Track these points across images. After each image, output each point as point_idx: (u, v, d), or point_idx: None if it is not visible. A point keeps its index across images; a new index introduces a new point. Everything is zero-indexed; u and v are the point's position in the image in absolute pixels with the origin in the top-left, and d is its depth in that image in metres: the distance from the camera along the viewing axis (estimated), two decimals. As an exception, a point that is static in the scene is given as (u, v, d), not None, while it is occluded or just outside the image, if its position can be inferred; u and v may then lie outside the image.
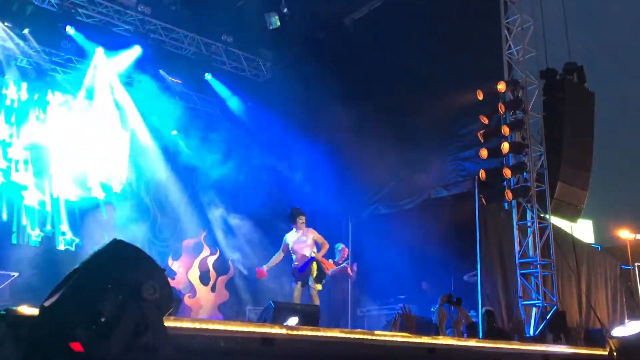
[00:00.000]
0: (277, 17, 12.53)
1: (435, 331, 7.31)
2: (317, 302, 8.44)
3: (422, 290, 10.87)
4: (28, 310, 2.18)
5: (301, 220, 8.81)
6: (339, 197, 11.37)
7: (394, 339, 4.11)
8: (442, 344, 4.45)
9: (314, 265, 8.59)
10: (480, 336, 7.95)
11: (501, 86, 10.07)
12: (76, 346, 1.98)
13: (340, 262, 10.10)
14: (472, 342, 5.31)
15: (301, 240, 8.80)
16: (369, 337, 4.07)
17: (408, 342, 4.16)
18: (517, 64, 10.48)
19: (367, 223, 11.72)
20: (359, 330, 5.00)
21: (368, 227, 11.54)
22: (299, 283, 8.70)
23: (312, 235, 8.86)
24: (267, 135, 12.81)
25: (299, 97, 12.19)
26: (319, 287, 8.61)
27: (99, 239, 12.14)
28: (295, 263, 8.83)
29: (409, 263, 10.46)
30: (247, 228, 13.31)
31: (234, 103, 13.96)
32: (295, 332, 3.40)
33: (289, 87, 12.56)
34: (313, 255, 8.67)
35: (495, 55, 10.44)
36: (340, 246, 10.32)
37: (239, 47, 13.64)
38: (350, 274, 10.18)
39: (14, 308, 2.18)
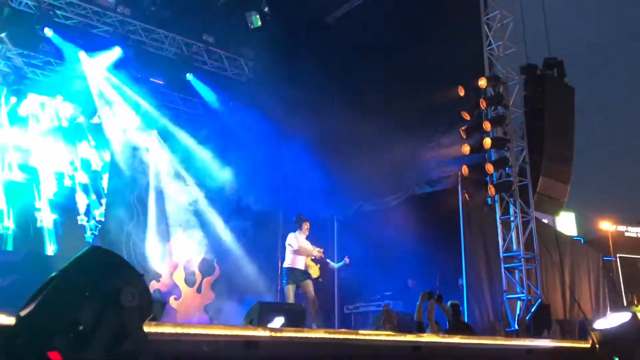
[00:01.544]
0: (258, 16, 12.47)
1: (417, 328, 7.35)
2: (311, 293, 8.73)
3: (407, 287, 10.91)
4: (4, 319, 2.14)
5: (306, 225, 9.14)
6: (324, 195, 11.36)
7: (379, 338, 4.11)
8: (426, 342, 4.47)
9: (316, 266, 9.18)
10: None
11: (482, 82, 10.13)
12: (54, 355, 1.96)
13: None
14: (456, 339, 5.34)
15: (308, 245, 9.06)
16: (354, 336, 4.07)
17: (393, 340, 4.17)
18: (497, 59, 10.55)
19: (352, 221, 11.74)
20: (344, 330, 5.01)
21: (353, 225, 11.56)
22: (293, 284, 8.76)
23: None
24: (250, 135, 12.75)
25: (281, 96, 12.15)
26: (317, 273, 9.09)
27: (79, 245, 12.08)
28: (289, 264, 8.89)
29: (394, 260, 10.50)
30: (230, 227, 13.28)
31: (216, 103, 13.88)
32: (279, 334, 3.39)
33: (272, 86, 12.51)
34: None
35: (475, 51, 10.50)
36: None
37: (220, 47, 13.57)
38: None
39: (-10, 318, 2.15)
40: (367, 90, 11.46)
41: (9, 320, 2.12)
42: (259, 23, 12.54)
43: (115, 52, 12.27)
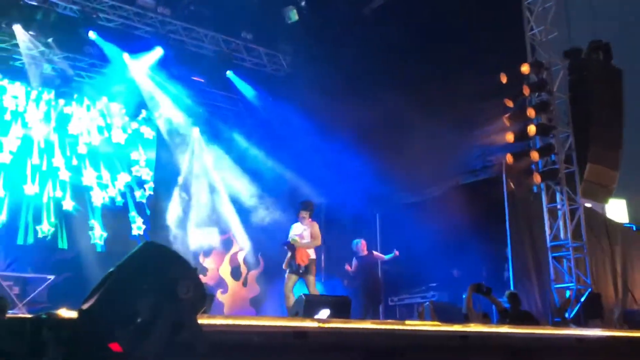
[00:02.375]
0: (294, 10, 12.53)
1: (465, 320, 7.29)
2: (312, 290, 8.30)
3: (453, 278, 10.83)
4: (67, 313, 2.25)
5: (302, 214, 8.62)
6: (365, 188, 11.35)
7: (426, 328, 4.12)
8: (473, 332, 4.44)
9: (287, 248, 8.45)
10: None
11: (525, 68, 9.93)
12: (115, 347, 2.05)
13: (365, 254, 10.14)
14: (504, 329, 5.29)
15: (299, 232, 8.59)
16: (400, 327, 4.09)
17: (440, 331, 4.17)
18: (540, 45, 10.32)
19: (394, 213, 11.69)
20: (390, 320, 5.03)
21: (396, 217, 11.51)
22: (293, 274, 8.41)
23: (310, 229, 8.61)
24: (290, 129, 12.83)
25: (320, 91, 12.17)
26: (291, 276, 8.38)
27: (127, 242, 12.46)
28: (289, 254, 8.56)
29: (438, 251, 10.42)
30: (272, 223, 13.41)
31: (256, 99, 14.03)
32: (327, 325, 3.44)
33: (310, 80, 12.55)
34: (292, 241, 8.46)
35: (517, 37, 10.30)
36: (355, 242, 10.30)
37: (258, 43, 13.68)
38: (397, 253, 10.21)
39: (54, 312, 2.26)
40: (407, 81, 11.36)
41: (71, 313, 2.23)
42: (296, 18, 12.60)
43: (157, 53, 12.52)
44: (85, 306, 2.14)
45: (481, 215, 10.04)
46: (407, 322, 4.00)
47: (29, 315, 2.37)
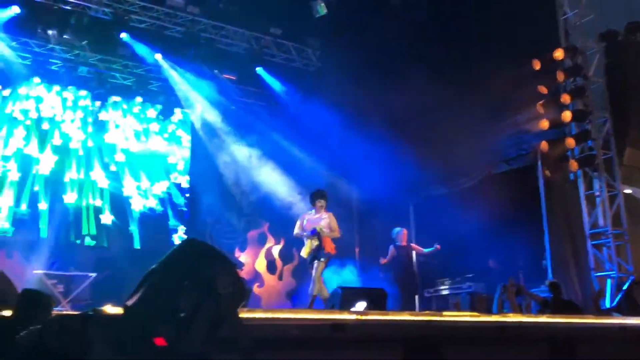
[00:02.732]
0: (323, 4, 12.51)
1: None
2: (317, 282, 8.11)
3: (489, 268, 10.73)
4: (112, 309, 2.33)
5: (320, 203, 8.49)
6: (398, 181, 11.30)
7: (463, 319, 4.11)
8: (512, 322, 4.42)
9: (315, 237, 8.29)
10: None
11: (558, 53, 9.74)
12: (160, 342, 2.11)
13: (403, 244, 10.09)
14: (543, 319, 5.23)
15: (314, 221, 8.46)
16: (438, 318, 4.09)
17: (477, 321, 4.15)
18: (573, 29, 10.10)
19: (428, 204, 11.63)
20: (427, 312, 5.03)
21: (429, 208, 11.45)
22: (322, 261, 8.29)
23: (328, 219, 8.50)
24: (321, 123, 12.85)
25: (350, 83, 12.16)
26: (322, 264, 8.25)
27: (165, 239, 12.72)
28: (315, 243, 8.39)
29: (474, 241, 10.33)
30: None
31: (286, 94, 14.09)
32: (364, 317, 3.47)
33: (340, 73, 12.54)
34: (318, 229, 8.32)
35: (550, 22, 10.09)
36: (396, 231, 10.26)
37: (288, 39, 13.72)
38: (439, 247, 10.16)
39: (100, 308, 2.33)
40: (438, 70, 11.23)
41: (117, 310, 2.30)
42: (325, 11, 12.58)
43: (188, 52, 12.66)
44: (129, 302, 2.20)
45: (516, 204, 9.91)
46: (444, 313, 4.00)
47: (75, 312, 2.46)
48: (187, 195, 13.68)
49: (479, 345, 3.95)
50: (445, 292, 11.12)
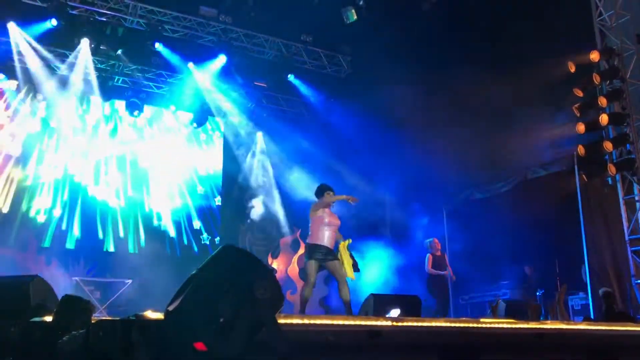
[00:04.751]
0: (353, 10, 12.53)
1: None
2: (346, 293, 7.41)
3: (525, 275, 10.56)
4: (153, 314, 2.37)
5: (330, 194, 7.61)
6: (431, 186, 11.22)
7: (501, 325, 4.05)
8: (550, 329, 4.33)
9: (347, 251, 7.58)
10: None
11: (594, 55, 9.57)
12: (200, 346, 2.14)
13: (438, 254, 9.94)
14: (582, 326, 5.12)
15: (332, 215, 7.55)
16: (475, 325, 4.04)
17: (515, 328, 4.09)
18: (609, 30, 9.91)
19: (462, 210, 11.51)
20: (464, 318, 4.96)
21: (464, 214, 11.33)
22: (315, 261, 7.39)
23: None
24: (352, 128, 12.85)
25: (381, 88, 12.13)
26: (352, 276, 7.53)
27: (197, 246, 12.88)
28: (309, 240, 7.55)
29: (509, 248, 10.18)
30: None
31: (317, 101, 14.14)
32: (400, 324, 3.45)
33: (371, 79, 12.54)
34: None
35: (585, 23, 9.92)
36: (429, 240, 10.12)
37: (318, 45, 13.78)
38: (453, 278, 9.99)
39: (142, 313, 2.38)
40: (471, 74, 11.11)
41: (158, 315, 2.34)
42: (355, 17, 12.59)
43: (221, 60, 12.84)
44: (171, 307, 2.24)
45: (553, 209, 9.73)
46: (481, 319, 3.95)
47: (117, 317, 2.51)
48: (220, 202, 13.81)
49: (517, 352, 3.89)
50: (480, 299, 10.97)
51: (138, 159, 13.16)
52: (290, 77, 13.79)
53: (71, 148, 12.47)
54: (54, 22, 11.22)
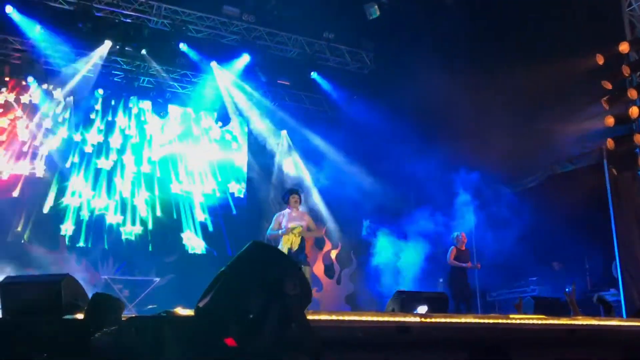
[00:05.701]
0: (376, 6, 12.47)
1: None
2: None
3: (553, 271, 10.41)
4: (184, 311, 2.39)
5: (294, 199, 7.90)
6: (458, 181, 11.12)
7: (531, 321, 4.00)
8: (582, 325, 4.27)
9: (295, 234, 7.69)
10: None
11: (624, 47, 9.36)
12: (230, 341, 2.15)
13: (462, 248, 9.86)
14: (614, 322, 5.03)
15: (297, 220, 7.80)
16: (504, 320, 4.00)
17: (546, 324, 4.03)
18: (639, 20, 9.70)
19: (489, 205, 11.36)
20: (493, 314, 4.91)
21: (491, 209, 11.19)
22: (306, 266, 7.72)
23: (306, 219, 8.00)
24: (377, 125, 12.79)
25: (405, 84, 12.05)
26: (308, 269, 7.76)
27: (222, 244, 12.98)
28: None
29: (537, 244, 10.05)
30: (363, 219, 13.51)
31: (340, 98, 14.12)
32: (429, 320, 3.43)
33: (395, 75, 12.47)
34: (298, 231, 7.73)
35: (614, 14, 9.73)
36: (456, 234, 10.04)
37: (341, 42, 13.75)
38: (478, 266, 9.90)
39: (172, 310, 2.40)
40: (495, 68, 10.98)
41: (188, 311, 2.36)
42: (378, 13, 12.54)
43: (244, 59, 12.90)
44: (201, 304, 2.26)
45: (581, 204, 9.58)
46: (511, 315, 3.91)
47: (149, 314, 2.54)
48: (245, 200, 13.88)
49: (548, 348, 3.84)
50: (508, 296, 10.86)
51: (164, 158, 13.29)
52: (314, 75, 13.79)
53: (99, 146, 12.69)
54: (80, 24, 11.37)
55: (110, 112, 13.02)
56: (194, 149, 13.65)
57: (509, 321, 3.85)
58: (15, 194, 11.60)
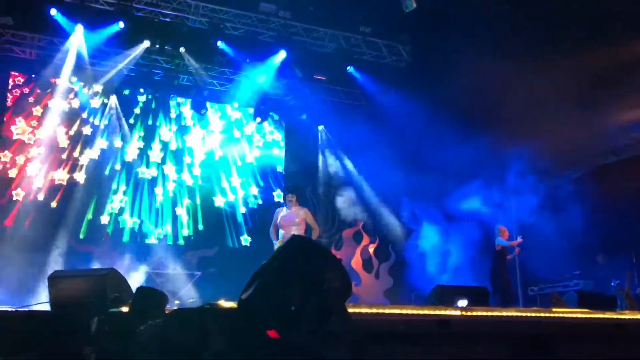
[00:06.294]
0: (412, -1, 12.34)
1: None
2: None
3: (597, 264, 10.18)
4: (226, 303, 2.44)
5: (290, 197, 8.26)
6: (498, 174, 10.94)
7: (575, 315, 3.92)
8: (630, 319, 4.17)
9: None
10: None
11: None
12: (272, 333, 2.19)
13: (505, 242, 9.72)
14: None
15: (289, 217, 8.18)
16: (547, 314, 3.94)
17: (590, 318, 3.96)
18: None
19: (532, 198, 11.15)
20: (535, 308, 4.84)
21: (534, 202, 10.99)
22: None
23: (302, 214, 8.23)
24: (415, 118, 12.68)
25: (443, 77, 11.90)
26: None
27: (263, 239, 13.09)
28: (280, 240, 8.19)
29: (580, 237, 9.83)
30: (403, 215, 13.45)
31: (377, 92, 14.06)
32: (469, 313, 3.40)
33: (432, 67, 12.33)
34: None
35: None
36: (499, 226, 9.90)
37: (377, 36, 13.68)
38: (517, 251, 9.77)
39: (216, 302, 2.45)
40: (538, 57, 10.69)
41: (231, 304, 2.41)
42: (414, 5, 12.41)
43: (280, 56, 12.95)
44: (243, 296, 2.31)
45: (626, 196, 9.34)
46: (554, 309, 3.84)
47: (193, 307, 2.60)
48: (282, 194, 13.99)
49: (593, 343, 3.76)
50: (550, 290, 10.65)
51: (203, 155, 13.50)
52: (350, 69, 13.77)
53: (140, 153, 12.98)
54: (121, 24, 11.61)
55: (150, 117, 13.26)
56: (233, 145, 13.82)
57: (551, 315, 3.79)
58: (54, 204, 11.90)
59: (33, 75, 12.36)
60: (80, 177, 12.32)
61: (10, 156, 11.90)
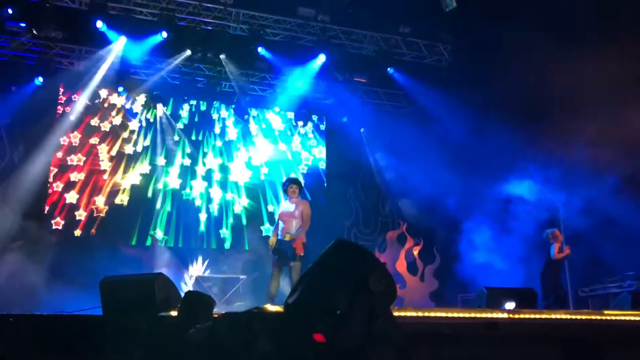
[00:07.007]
0: (453, -2, 12.21)
1: None
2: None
3: (652, 265, 9.84)
4: (273, 307, 2.48)
5: (291, 189, 8.15)
6: (545, 179, 10.69)
7: (629, 318, 3.81)
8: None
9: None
10: None
11: None
12: (319, 337, 2.21)
13: (558, 247, 9.45)
14: None
15: (288, 209, 8.10)
16: (598, 317, 3.84)
17: (645, 320, 3.83)
18: None
19: (578, 199, 10.88)
20: (587, 310, 4.73)
21: (580, 203, 10.71)
22: (277, 258, 7.93)
23: (302, 207, 8.09)
24: (457, 118, 12.52)
25: (486, 74, 11.72)
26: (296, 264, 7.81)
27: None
28: (274, 234, 8.14)
29: (633, 236, 9.50)
30: (446, 217, 13.28)
31: (418, 92, 13.97)
32: (517, 316, 3.35)
33: (474, 66, 12.16)
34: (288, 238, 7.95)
35: None
36: (550, 232, 9.62)
37: (417, 36, 13.60)
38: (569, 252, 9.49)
39: (262, 306, 2.50)
40: (582, 51, 10.35)
41: (277, 307, 2.45)
42: (454, 5, 12.28)
43: (320, 59, 13.02)
44: (290, 300, 2.34)
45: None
46: (605, 311, 3.74)
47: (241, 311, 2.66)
48: (324, 199, 14.02)
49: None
50: (602, 292, 10.36)
51: (248, 160, 13.68)
52: (390, 70, 13.72)
53: (182, 170, 13.20)
54: (164, 34, 11.88)
55: (193, 131, 13.48)
56: (275, 149, 13.96)
57: (603, 317, 3.69)
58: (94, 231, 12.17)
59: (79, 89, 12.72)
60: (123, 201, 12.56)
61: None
